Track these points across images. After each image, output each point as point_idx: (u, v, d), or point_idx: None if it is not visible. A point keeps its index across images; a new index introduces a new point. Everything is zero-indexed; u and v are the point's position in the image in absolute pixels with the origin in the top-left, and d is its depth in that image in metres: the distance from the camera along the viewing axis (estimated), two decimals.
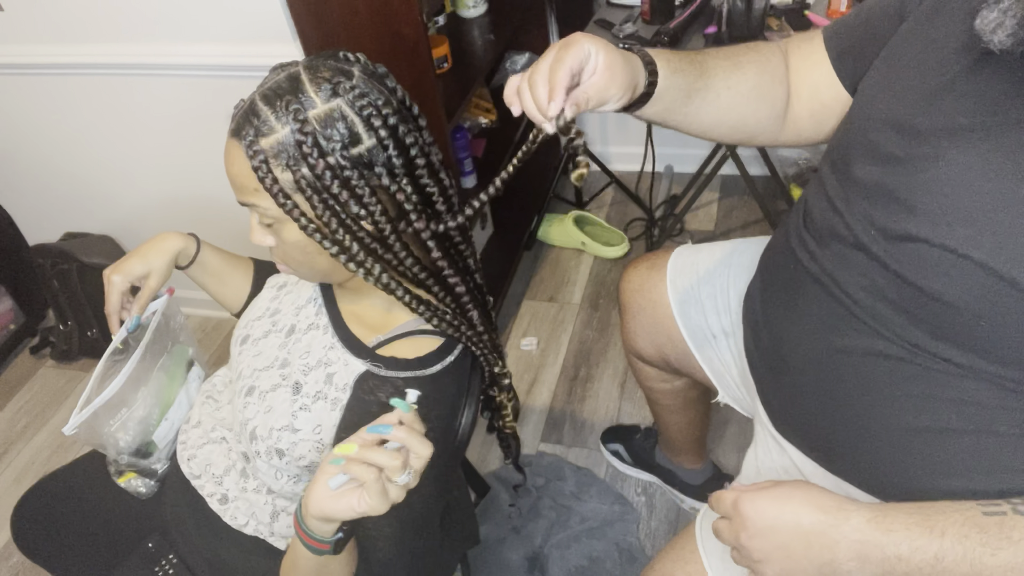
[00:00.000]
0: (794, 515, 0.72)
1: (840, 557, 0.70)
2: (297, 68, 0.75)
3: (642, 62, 0.79)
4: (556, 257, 2.32)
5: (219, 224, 1.66)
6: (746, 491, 0.75)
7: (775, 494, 0.74)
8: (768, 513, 0.73)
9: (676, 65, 0.84)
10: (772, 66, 0.94)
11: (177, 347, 1.11)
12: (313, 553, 0.75)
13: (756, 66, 0.92)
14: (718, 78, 0.89)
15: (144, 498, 1.08)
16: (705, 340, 1.17)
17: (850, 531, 0.70)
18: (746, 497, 0.74)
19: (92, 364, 2.19)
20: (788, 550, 0.72)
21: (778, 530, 0.72)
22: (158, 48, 1.64)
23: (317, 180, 0.73)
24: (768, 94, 0.93)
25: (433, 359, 0.85)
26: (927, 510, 0.69)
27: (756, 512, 0.74)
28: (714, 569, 0.91)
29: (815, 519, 0.71)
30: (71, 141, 1.90)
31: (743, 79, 0.91)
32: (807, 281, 0.87)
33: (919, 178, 0.73)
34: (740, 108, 0.91)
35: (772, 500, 0.73)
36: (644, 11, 1.84)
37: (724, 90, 0.89)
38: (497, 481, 1.70)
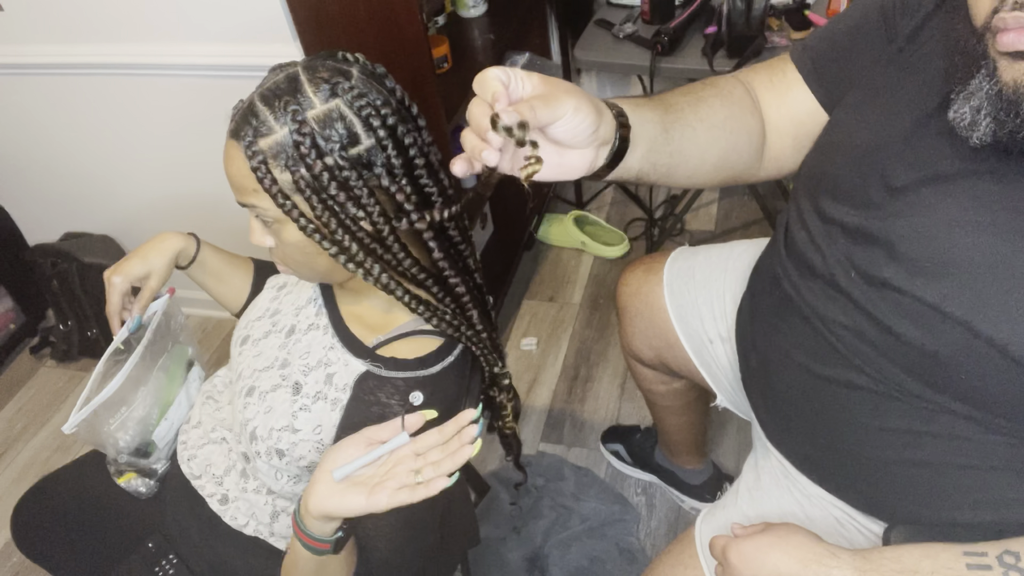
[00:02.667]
0: (775, 567, 0.73)
1: None
2: (296, 68, 0.75)
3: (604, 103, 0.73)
4: (556, 257, 2.32)
5: (219, 224, 1.66)
6: (734, 539, 0.77)
7: (759, 543, 0.75)
8: (753, 562, 0.74)
9: (639, 102, 0.79)
10: (736, 97, 0.90)
11: (177, 347, 1.11)
12: (313, 553, 0.75)
13: (719, 99, 0.88)
14: (686, 111, 0.84)
15: (144, 498, 1.08)
16: (702, 345, 1.17)
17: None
18: (733, 545, 0.77)
19: (92, 364, 2.19)
20: None
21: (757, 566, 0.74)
22: (158, 48, 1.64)
23: (316, 180, 0.73)
24: (742, 124, 0.89)
25: (433, 359, 0.85)
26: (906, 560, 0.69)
27: (740, 560, 0.75)
28: (712, 571, 0.90)
29: (800, 567, 0.72)
30: (71, 141, 1.90)
31: (711, 111, 0.86)
32: (790, 310, 0.86)
33: (899, 224, 0.72)
34: (719, 142, 0.87)
35: (756, 549, 0.75)
36: (644, 11, 1.84)
37: (697, 123, 0.85)
38: (497, 481, 1.70)
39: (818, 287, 0.82)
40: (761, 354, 0.94)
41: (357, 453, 0.74)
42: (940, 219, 0.69)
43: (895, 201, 0.73)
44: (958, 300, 0.67)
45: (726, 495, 1.01)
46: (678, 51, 1.73)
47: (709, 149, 0.86)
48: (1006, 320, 0.65)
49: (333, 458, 0.75)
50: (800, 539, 0.74)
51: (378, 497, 0.71)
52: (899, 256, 0.72)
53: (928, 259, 0.69)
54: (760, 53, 1.65)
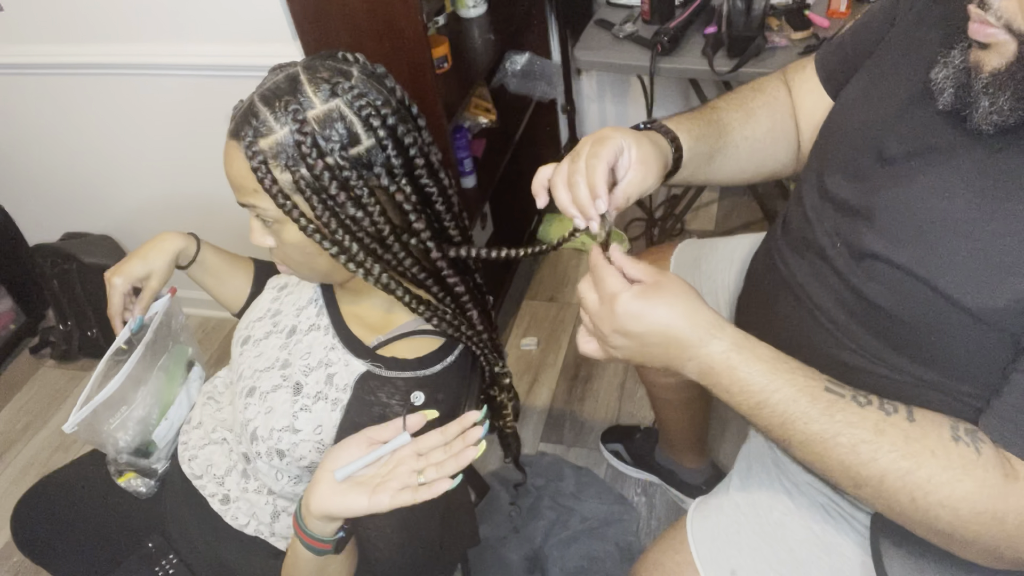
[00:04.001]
0: (666, 322, 0.72)
1: (688, 368, 0.73)
2: (296, 69, 0.75)
3: (667, 140, 0.83)
4: (556, 257, 2.32)
5: (219, 224, 1.66)
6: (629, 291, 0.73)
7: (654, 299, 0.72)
8: (642, 317, 0.72)
9: (697, 132, 0.87)
10: (780, 103, 0.97)
11: (177, 347, 1.11)
12: (314, 553, 0.75)
13: (767, 109, 0.95)
14: (735, 132, 0.92)
15: (144, 498, 1.08)
16: None
17: (705, 354, 0.72)
18: (625, 296, 0.72)
19: (92, 364, 2.19)
20: (646, 349, 0.73)
21: (644, 334, 0.73)
22: (158, 48, 1.64)
23: (316, 180, 0.73)
24: (782, 133, 0.96)
25: (433, 359, 0.85)
26: (779, 365, 0.71)
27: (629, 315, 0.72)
28: (702, 558, 0.93)
29: (684, 334, 0.72)
30: (71, 141, 1.90)
31: (757, 126, 0.94)
32: (782, 289, 0.89)
33: (882, 195, 0.75)
34: (759, 154, 0.95)
35: (648, 304, 0.72)
36: (644, 11, 1.84)
37: (742, 141, 0.93)
38: (497, 481, 1.70)
39: (808, 261, 0.84)
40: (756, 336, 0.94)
41: (358, 453, 0.74)
42: (919, 188, 0.72)
43: (883, 172, 0.76)
44: (927, 263, 0.69)
45: (719, 484, 1.02)
46: (678, 51, 1.73)
47: (749, 161, 0.95)
48: (970, 282, 0.67)
49: (334, 458, 0.75)
50: (693, 301, 0.73)
51: (380, 498, 0.71)
52: (878, 225, 0.74)
53: (903, 225, 0.72)
54: (760, 53, 1.65)
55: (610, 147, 0.74)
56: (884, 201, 0.75)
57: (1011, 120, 0.65)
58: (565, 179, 0.75)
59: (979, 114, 0.66)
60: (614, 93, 2.43)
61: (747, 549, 0.92)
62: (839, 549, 0.88)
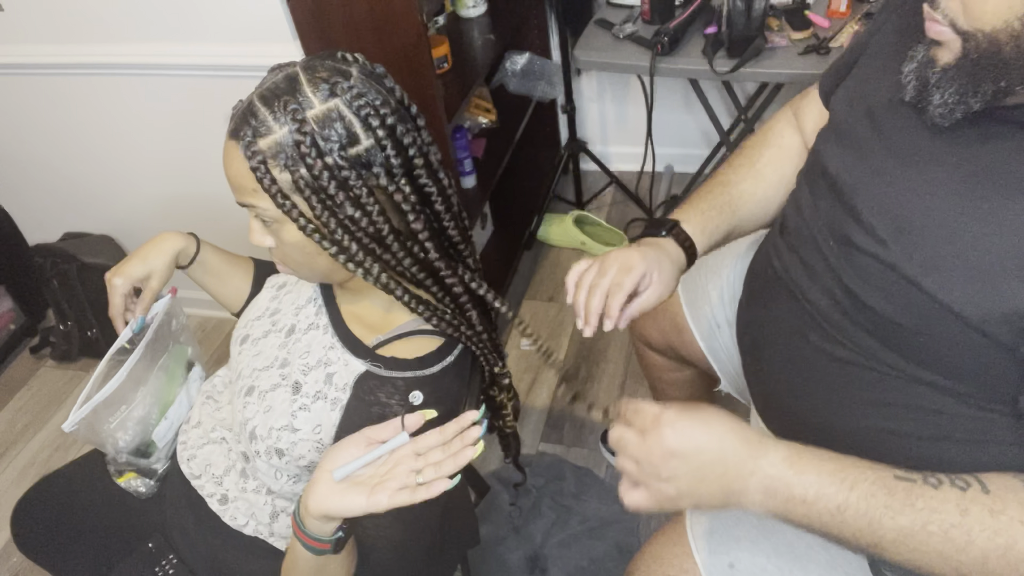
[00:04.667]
0: (720, 442, 0.70)
1: (751, 488, 0.70)
2: (295, 68, 0.75)
3: (681, 246, 0.94)
4: (556, 257, 2.32)
5: (219, 224, 1.66)
6: (671, 409, 0.72)
7: (703, 418, 0.72)
8: (694, 436, 0.71)
9: (712, 225, 0.97)
10: (786, 148, 1.02)
11: (177, 347, 1.11)
12: (313, 553, 0.75)
13: (774, 163, 1.02)
14: (747, 204, 1.00)
15: (144, 498, 1.08)
16: (710, 330, 1.19)
17: (766, 465, 0.70)
18: (671, 415, 0.71)
19: (92, 364, 2.19)
20: (702, 473, 0.71)
21: (701, 453, 0.70)
22: (158, 48, 1.64)
23: (315, 180, 0.73)
24: (794, 174, 0.98)
25: (433, 359, 0.85)
26: (843, 462, 0.70)
27: (675, 434, 0.71)
28: (700, 551, 0.93)
29: (738, 449, 0.70)
30: (71, 141, 1.90)
31: (767, 186, 1.01)
32: (778, 286, 0.90)
33: (866, 193, 0.77)
34: (773, 203, 1.02)
35: (700, 424, 0.71)
36: (644, 11, 1.84)
37: (756, 207, 1.01)
38: (497, 481, 1.70)
39: (802, 256, 0.86)
40: (754, 333, 0.97)
41: (357, 453, 0.74)
42: (901, 186, 0.74)
43: (866, 170, 0.79)
44: (912, 262, 0.71)
45: None
46: (678, 51, 1.73)
47: (765, 213, 1.03)
48: (955, 286, 0.68)
49: (333, 458, 0.75)
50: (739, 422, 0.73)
51: (378, 497, 0.71)
52: (864, 222, 0.76)
53: (886, 223, 0.74)
54: (760, 53, 1.65)
55: (634, 277, 0.87)
56: (868, 199, 0.77)
57: (956, 113, 0.68)
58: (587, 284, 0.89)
59: (932, 107, 0.69)
60: (614, 93, 2.43)
61: (745, 542, 0.92)
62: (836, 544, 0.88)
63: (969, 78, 0.65)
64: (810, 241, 0.85)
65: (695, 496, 0.71)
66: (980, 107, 0.67)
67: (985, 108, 0.67)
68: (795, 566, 0.89)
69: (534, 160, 2.47)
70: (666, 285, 0.90)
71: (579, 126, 2.48)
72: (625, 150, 2.54)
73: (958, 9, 0.64)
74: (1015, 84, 0.64)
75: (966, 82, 0.66)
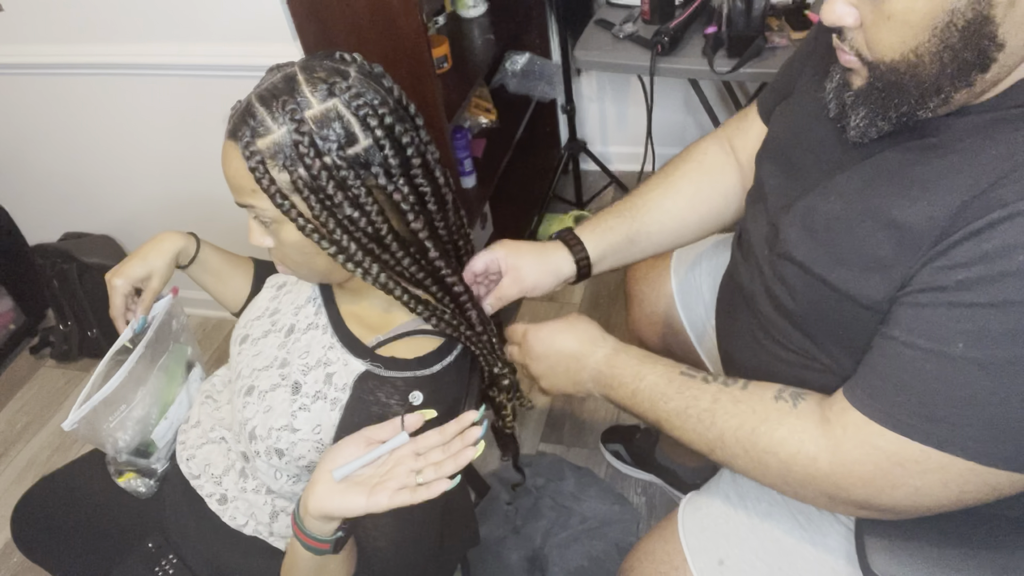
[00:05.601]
0: (562, 344, 0.94)
1: (585, 377, 0.93)
2: (293, 68, 0.75)
3: (568, 248, 1.00)
4: None
5: (219, 224, 1.65)
6: (532, 325, 0.96)
7: (553, 327, 0.95)
8: (545, 342, 0.95)
9: (606, 226, 1.02)
10: (709, 163, 1.07)
11: (177, 347, 1.11)
12: (313, 553, 0.75)
13: (689, 176, 1.06)
14: (653, 211, 1.04)
15: (144, 498, 1.08)
16: (704, 331, 1.20)
17: (592, 362, 0.92)
18: (532, 329, 0.96)
19: (92, 364, 2.19)
20: (558, 368, 0.95)
21: (549, 355, 0.95)
22: (158, 48, 1.64)
23: (313, 180, 0.73)
24: (716, 190, 1.06)
25: (433, 359, 0.85)
26: (645, 360, 0.89)
27: (537, 341, 0.95)
28: (691, 548, 0.95)
29: (574, 348, 0.93)
30: (71, 141, 1.90)
31: (678, 196, 1.05)
32: (739, 296, 0.95)
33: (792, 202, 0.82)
34: (692, 216, 1.06)
35: (549, 332, 0.95)
36: (644, 11, 1.84)
37: (663, 215, 1.04)
38: (497, 481, 1.70)
39: (750, 265, 0.91)
40: (724, 343, 1.02)
41: (357, 453, 0.74)
42: (813, 193, 0.80)
43: (790, 181, 0.86)
44: (820, 260, 0.77)
45: (712, 479, 1.04)
46: (678, 51, 1.73)
47: (683, 226, 1.06)
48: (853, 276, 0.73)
49: (333, 458, 0.75)
50: (583, 324, 0.95)
51: (378, 497, 0.71)
52: (784, 228, 0.82)
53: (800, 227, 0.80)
54: (760, 53, 1.65)
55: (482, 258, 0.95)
56: (787, 205, 0.83)
57: (870, 134, 0.74)
58: None
59: (849, 128, 0.75)
60: (614, 93, 2.43)
61: (735, 539, 0.93)
62: (824, 540, 0.90)
63: (877, 103, 0.71)
64: (753, 253, 0.90)
65: (557, 384, 0.96)
66: (890, 129, 0.72)
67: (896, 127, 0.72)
68: (783, 561, 0.90)
69: (534, 160, 2.47)
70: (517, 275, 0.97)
71: (579, 126, 2.47)
72: (625, 150, 2.54)
73: (862, 42, 0.69)
74: (916, 109, 0.69)
75: (875, 107, 0.71)
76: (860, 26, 0.69)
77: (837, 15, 0.69)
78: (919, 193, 0.69)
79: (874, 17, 0.66)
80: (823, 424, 0.75)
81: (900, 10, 0.64)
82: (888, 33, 0.66)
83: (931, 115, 0.69)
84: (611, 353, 0.91)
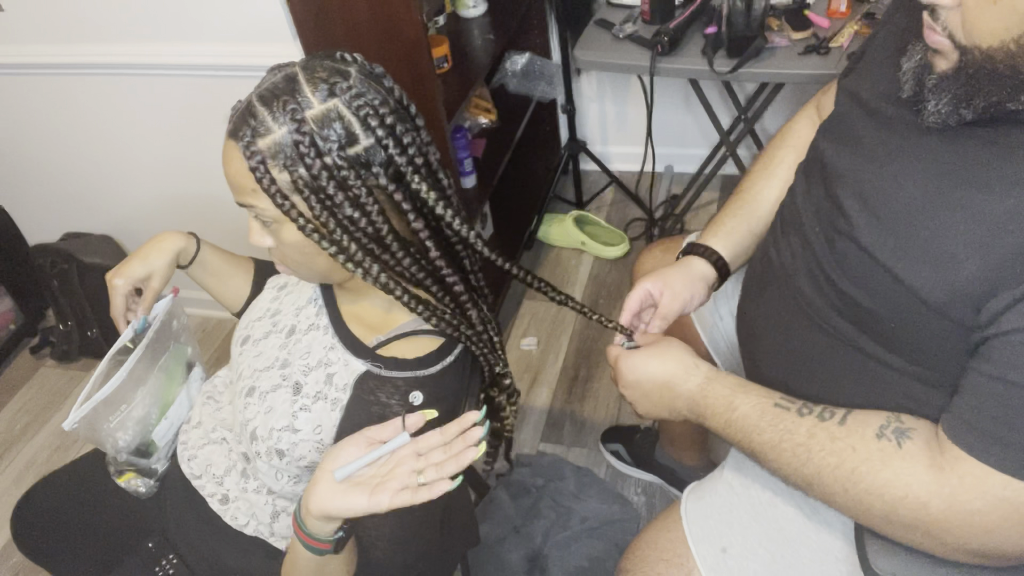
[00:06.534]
0: (654, 371, 0.92)
1: (679, 406, 0.91)
2: (294, 68, 0.75)
3: (701, 256, 1.03)
4: (556, 257, 2.32)
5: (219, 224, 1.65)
6: (624, 351, 0.96)
7: (644, 354, 0.93)
8: (637, 370, 0.93)
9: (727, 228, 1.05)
10: (802, 145, 1.01)
11: (177, 347, 1.11)
12: (313, 553, 0.75)
13: (788, 161, 1.04)
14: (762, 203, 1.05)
15: (144, 498, 1.08)
16: (712, 323, 1.21)
17: (686, 390, 0.89)
18: (623, 356, 0.95)
19: (92, 364, 2.19)
20: (650, 395, 0.93)
21: (641, 383, 0.93)
22: (158, 48, 1.64)
23: (314, 180, 0.73)
24: None
25: (433, 359, 0.85)
26: (738, 390, 0.86)
27: (628, 369, 0.94)
28: (694, 536, 0.95)
29: (667, 377, 0.91)
30: (71, 141, 1.90)
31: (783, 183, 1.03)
32: (771, 274, 0.93)
33: (851, 179, 0.80)
34: None
35: (642, 359, 0.93)
36: (644, 11, 1.84)
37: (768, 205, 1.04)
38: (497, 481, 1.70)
39: (792, 248, 0.89)
40: (749, 323, 1.01)
41: (358, 453, 0.74)
42: (884, 174, 0.77)
43: (856, 158, 0.81)
44: (886, 247, 0.74)
45: (715, 469, 1.04)
46: (678, 51, 1.73)
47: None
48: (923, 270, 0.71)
49: (334, 458, 0.75)
50: (675, 350, 0.92)
51: (379, 498, 0.71)
52: (846, 208, 0.79)
53: (863, 208, 0.77)
54: (760, 53, 1.65)
55: (635, 295, 1.00)
56: (850, 186, 0.80)
57: (950, 121, 0.69)
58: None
59: (927, 112, 0.71)
60: (614, 93, 2.43)
61: (738, 527, 0.94)
62: (827, 527, 0.90)
63: (964, 89, 0.66)
64: (799, 228, 0.87)
65: (652, 412, 0.94)
66: (972, 118, 0.68)
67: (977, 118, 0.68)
68: (786, 550, 0.91)
69: (534, 160, 2.47)
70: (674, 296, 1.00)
71: (579, 126, 2.48)
72: (625, 150, 2.54)
73: (957, 24, 0.64)
74: (1006, 101, 0.65)
75: (960, 93, 0.67)
76: (959, 5, 0.63)
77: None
78: (1004, 189, 0.66)
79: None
80: (934, 471, 0.70)
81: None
82: (991, 18, 0.61)
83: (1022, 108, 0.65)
84: (704, 382, 0.88)
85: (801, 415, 0.80)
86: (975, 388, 0.69)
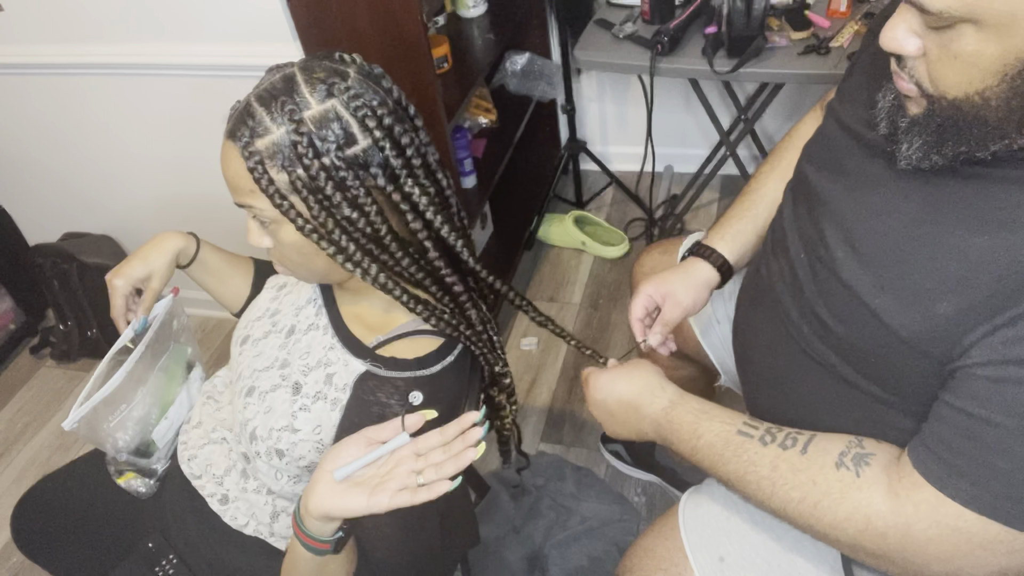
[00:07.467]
0: (620, 392, 0.93)
1: (644, 426, 0.91)
2: (292, 69, 0.75)
3: (705, 259, 1.04)
4: (556, 257, 2.32)
5: (219, 224, 1.65)
6: (593, 370, 0.97)
7: (611, 374, 0.95)
8: (604, 389, 0.94)
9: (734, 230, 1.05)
10: None
11: (177, 347, 1.11)
12: (313, 553, 0.75)
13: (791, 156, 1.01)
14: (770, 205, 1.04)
15: (144, 498, 1.08)
16: (710, 325, 1.21)
17: (651, 412, 0.90)
18: (593, 374, 0.97)
19: (92, 364, 2.19)
20: (614, 415, 0.94)
21: (608, 402, 0.94)
22: (158, 48, 1.64)
23: (312, 181, 0.72)
24: None
25: (433, 359, 0.85)
26: (702, 417, 0.86)
27: (596, 388, 0.95)
28: (692, 544, 0.95)
29: (632, 398, 0.92)
30: (71, 141, 1.90)
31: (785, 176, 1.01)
32: (763, 292, 0.93)
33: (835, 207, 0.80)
34: None
35: (608, 379, 0.94)
36: (644, 11, 1.84)
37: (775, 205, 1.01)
38: (497, 481, 1.69)
39: (780, 270, 0.89)
40: (742, 338, 1.01)
41: (357, 453, 0.74)
42: (864, 206, 0.77)
43: (838, 188, 0.81)
44: (864, 282, 0.74)
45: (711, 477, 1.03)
46: (678, 51, 1.73)
47: None
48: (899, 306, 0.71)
49: (333, 458, 0.75)
50: (642, 372, 0.93)
51: (379, 498, 0.71)
52: (827, 239, 0.79)
53: (844, 240, 0.77)
54: (760, 53, 1.65)
55: (638, 301, 1.02)
56: (832, 214, 0.80)
57: (923, 166, 0.69)
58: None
59: (901, 153, 0.71)
60: (614, 93, 2.43)
61: (735, 536, 0.94)
62: None
63: (935, 135, 0.67)
64: (786, 251, 0.88)
65: (618, 432, 0.95)
66: (944, 164, 0.68)
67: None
68: (783, 559, 0.91)
69: (534, 160, 2.47)
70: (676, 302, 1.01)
71: (579, 126, 2.47)
72: (625, 150, 2.54)
73: (924, 73, 0.65)
74: (975, 151, 0.65)
75: (932, 139, 0.67)
76: (923, 56, 0.64)
77: (898, 42, 0.64)
78: (980, 227, 0.66)
79: (939, 52, 0.62)
80: (891, 498, 0.71)
81: (969, 52, 0.59)
82: (953, 72, 0.61)
83: (990, 156, 0.65)
84: (668, 406, 0.88)
85: (764, 444, 0.80)
86: (940, 417, 0.69)
